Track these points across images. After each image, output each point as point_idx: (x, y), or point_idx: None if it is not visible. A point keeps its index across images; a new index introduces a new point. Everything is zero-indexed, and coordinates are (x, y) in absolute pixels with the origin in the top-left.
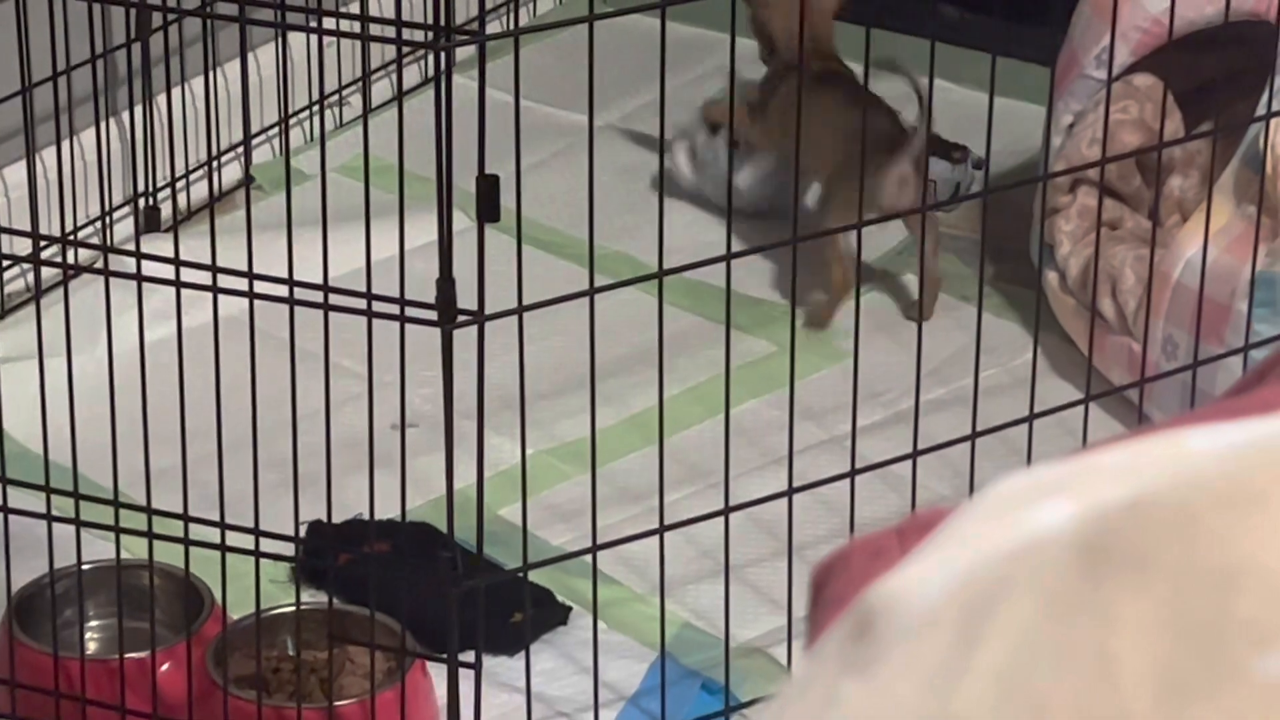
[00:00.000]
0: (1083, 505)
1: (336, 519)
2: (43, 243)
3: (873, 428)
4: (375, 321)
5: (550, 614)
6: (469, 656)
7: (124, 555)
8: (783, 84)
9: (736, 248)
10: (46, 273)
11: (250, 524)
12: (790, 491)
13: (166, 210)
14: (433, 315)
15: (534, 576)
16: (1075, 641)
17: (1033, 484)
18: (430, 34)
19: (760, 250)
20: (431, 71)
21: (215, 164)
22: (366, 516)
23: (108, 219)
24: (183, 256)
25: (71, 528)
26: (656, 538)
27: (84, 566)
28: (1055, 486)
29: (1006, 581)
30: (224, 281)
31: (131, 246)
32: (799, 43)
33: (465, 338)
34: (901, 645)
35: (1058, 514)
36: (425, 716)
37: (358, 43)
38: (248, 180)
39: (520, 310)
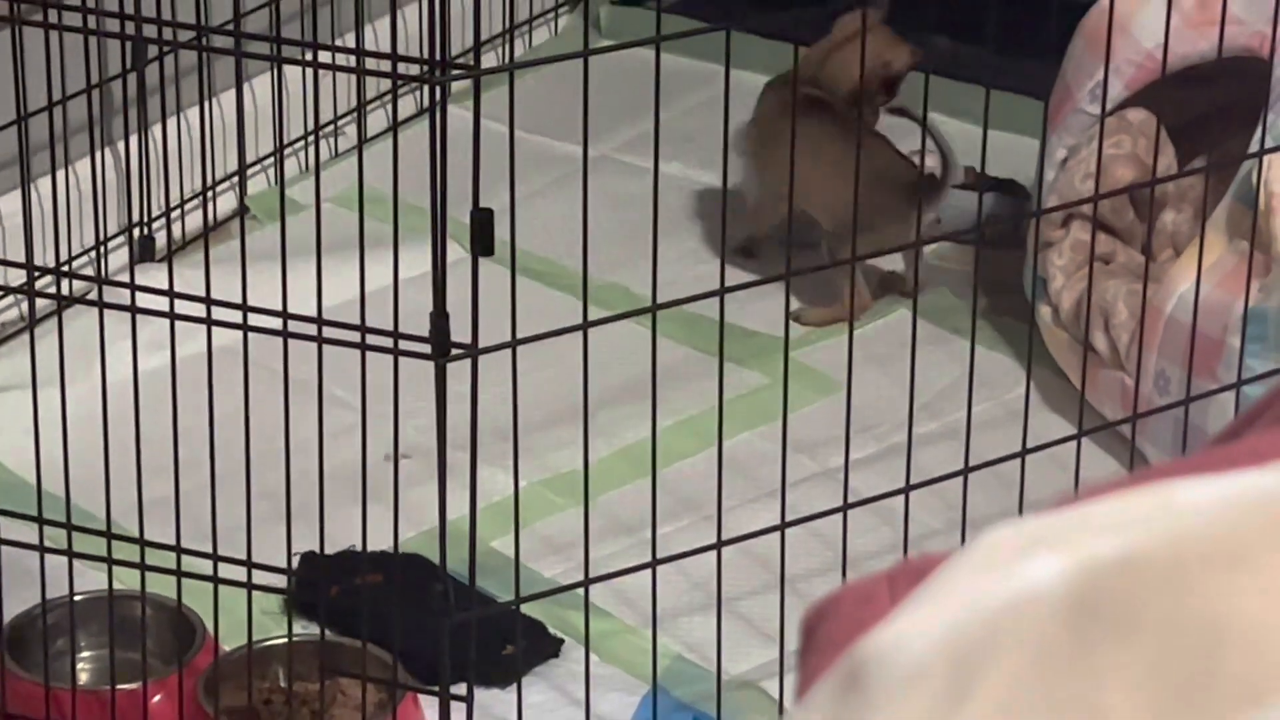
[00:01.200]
0: (1072, 560)
1: (329, 550)
2: (37, 273)
3: (865, 461)
4: (369, 353)
5: (542, 646)
6: (461, 689)
7: (116, 586)
8: (774, 96)
9: (730, 280)
10: (40, 303)
11: (243, 555)
12: (783, 525)
13: (161, 240)
14: (426, 348)
15: (526, 609)
16: (1065, 697)
17: (1023, 536)
18: (425, 67)
19: (754, 285)
20: (427, 102)
21: (210, 194)
22: (359, 548)
23: (102, 249)
24: (177, 287)
25: (64, 558)
26: (649, 570)
27: (76, 597)
28: (1045, 539)
29: (996, 636)
30: (218, 313)
31: (126, 277)
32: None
33: (459, 369)
34: (892, 699)
35: (1048, 568)
36: None
37: (353, 74)
38: (242, 211)
39: (514, 343)
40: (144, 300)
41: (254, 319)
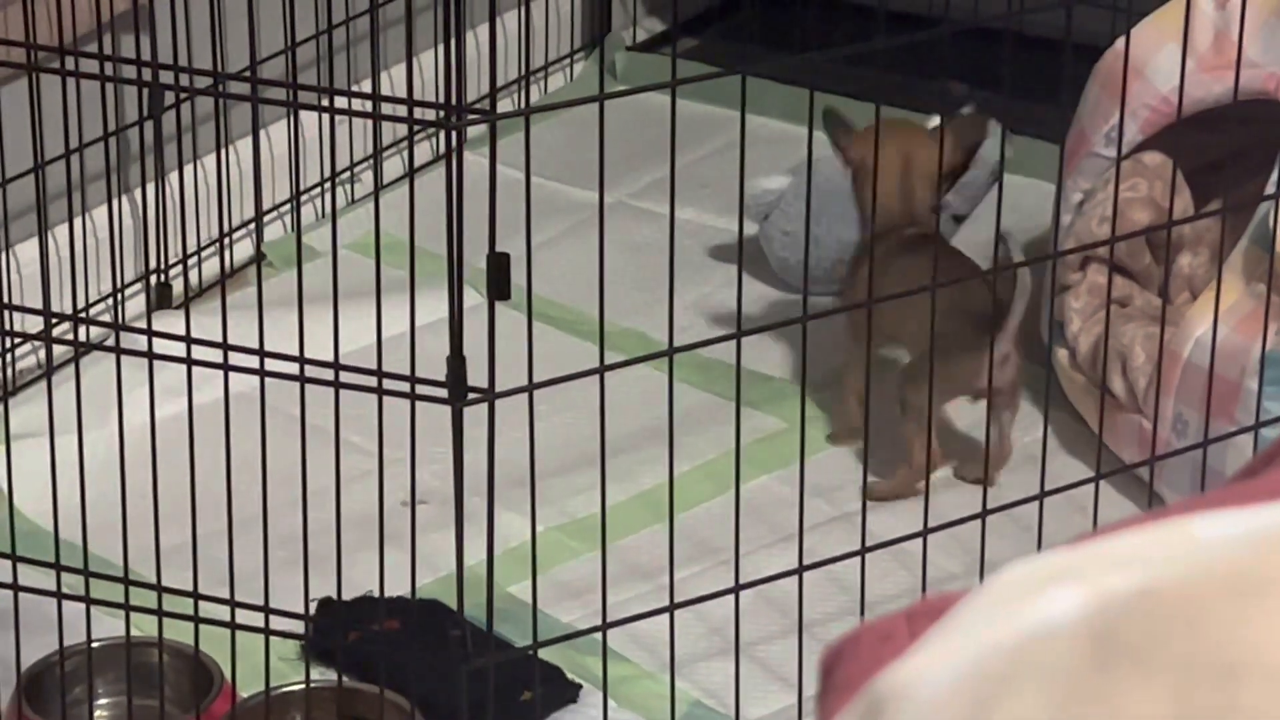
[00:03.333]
0: (1091, 594)
1: (346, 596)
2: (54, 320)
3: (883, 505)
4: (386, 398)
5: (560, 692)
6: None
7: (134, 633)
8: (877, 248)
9: (746, 325)
10: (58, 350)
11: (260, 601)
12: (800, 569)
13: (178, 287)
14: (443, 393)
15: (544, 654)
16: None
17: (1041, 571)
18: (441, 112)
19: (771, 328)
20: (443, 148)
21: (227, 241)
22: (376, 594)
23: (119, 296)
24: (194, 333)
25: (81, 605)
26: (666, 615)
27: (93, 644)
28: (1063, 574)
29: (1015, 671)
30: (235, 359)
31: (143, 323)
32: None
33: (476, 414)
34: None
35: (1066, 603)
36: None
37: (369, 120)
38: (259, 257)
39: (530, 388)
40: (161, 346)
41: (271, 364)
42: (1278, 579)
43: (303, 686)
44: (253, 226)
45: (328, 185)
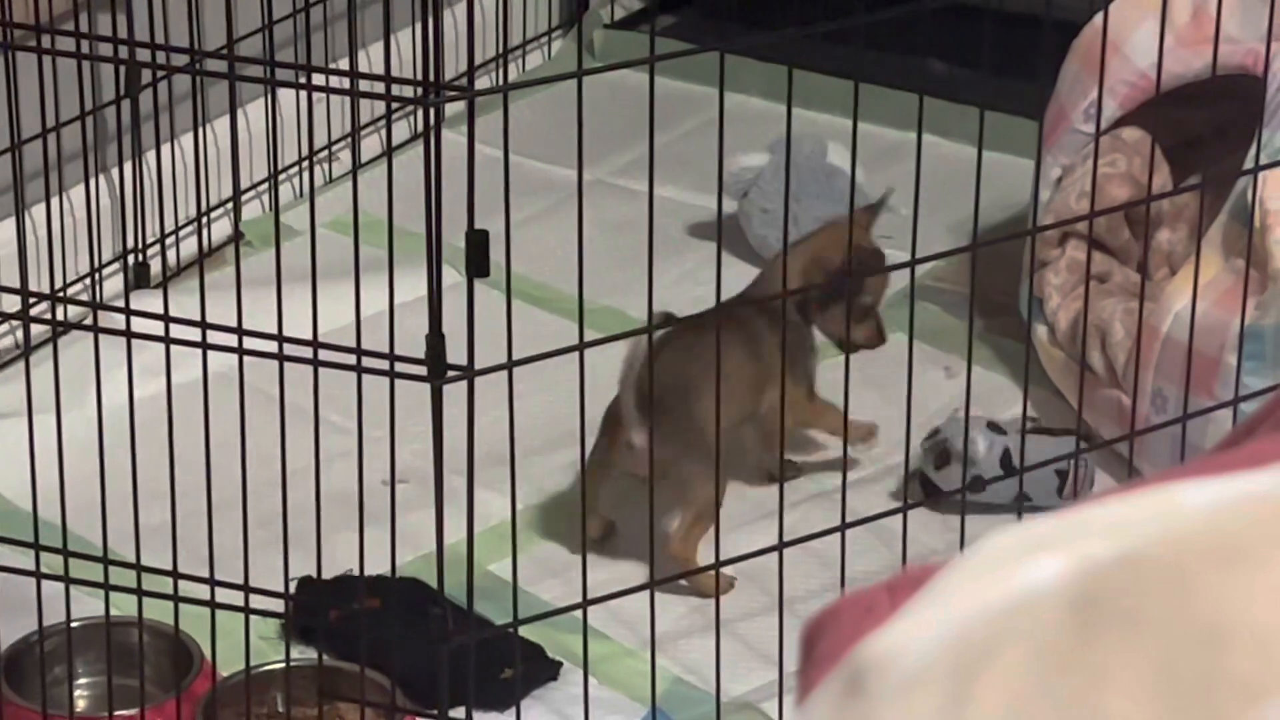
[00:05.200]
0: (1073, 561)
1: (327, 575)
2: (32, 299)
3: (863, 481)
4: (365, 377)
5: (541, 669)
6: (460, 713)
7: (113, 612)
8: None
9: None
10: (36, 330)
11: (240, 580)
12: (781, 545)
13: (156, 266)
14: (422, 371)
15: (524, 632)
16: (1068, 698)
17: (1023, 540)
18: (419, 90)
19: (749, 303)
20: (421, 127)
21: (205, 220)
22: (357, 572)
23: (97, 275)
24: (172, 312)
25: (61, 585)
26: (647, 592)
27: (73, 624)
28: (1046, 542)
29: (998, 638)
30: (213, 338)
31: (121, 303)
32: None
33: (455, 393)
34: (893, 703)
35: (1048, 570)
36: None
37: (347, 98)
38: (237, 236)
39: (510, 365)
40: (139, 326)
41: (250, 343)
42: (1259, 544)
43: (283, 665)
44: (231, 205)
45: (306, 164)
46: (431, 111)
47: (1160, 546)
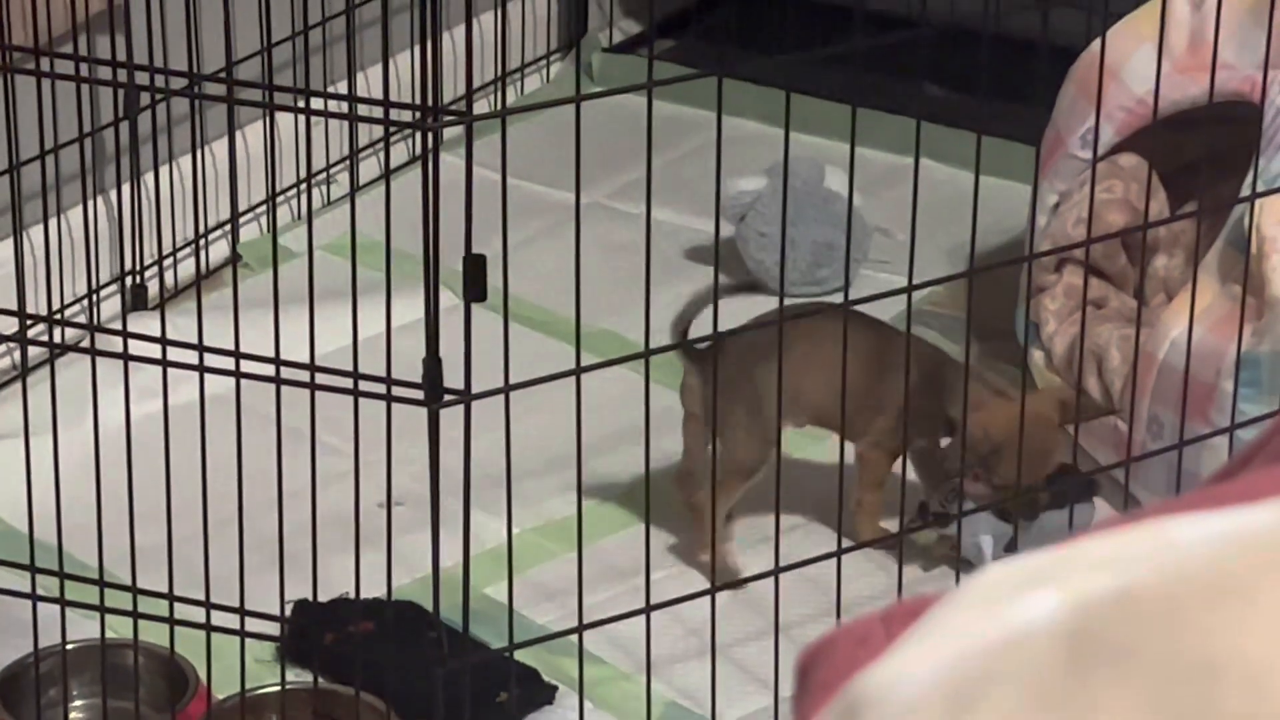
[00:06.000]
0: (1068, 596)
1: (322, 598)
2: (29, 321)
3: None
4: (362, 400)
5: (536, 693)
6: None
7: (109, 634)
8: None
9: (723, 326)
10: (33, 351)
11: (235, 603)
12: (776, 570)
13: (153, 288)
14: (419, 394)
15: (520, 655)
16: None
17: (1018, 574)
18: (417, 114)
19: (745, 330)
20: (419, 150)
21: (202, 242)
22: (352, 595)
23: (95, 297)
24: (169, 334)
25: (56, 607)
26: (643, 617)
27: (68, 646)
28: (1040, 577)
29: (992, 673)
30: (210, 360)
31: (118, 325)
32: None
33: (452, 416)
34: None
35: (1043, 606)
36: None
37: (345, 121)
38: (235, 258)
39: (506, 389)
40: (136, 348)
41: (247, 366)
42: (1254, 580)
43: (278, 688)
44: (228, 227)
45: (303, 186)
46: (429, 135)
47: (1154, 582)
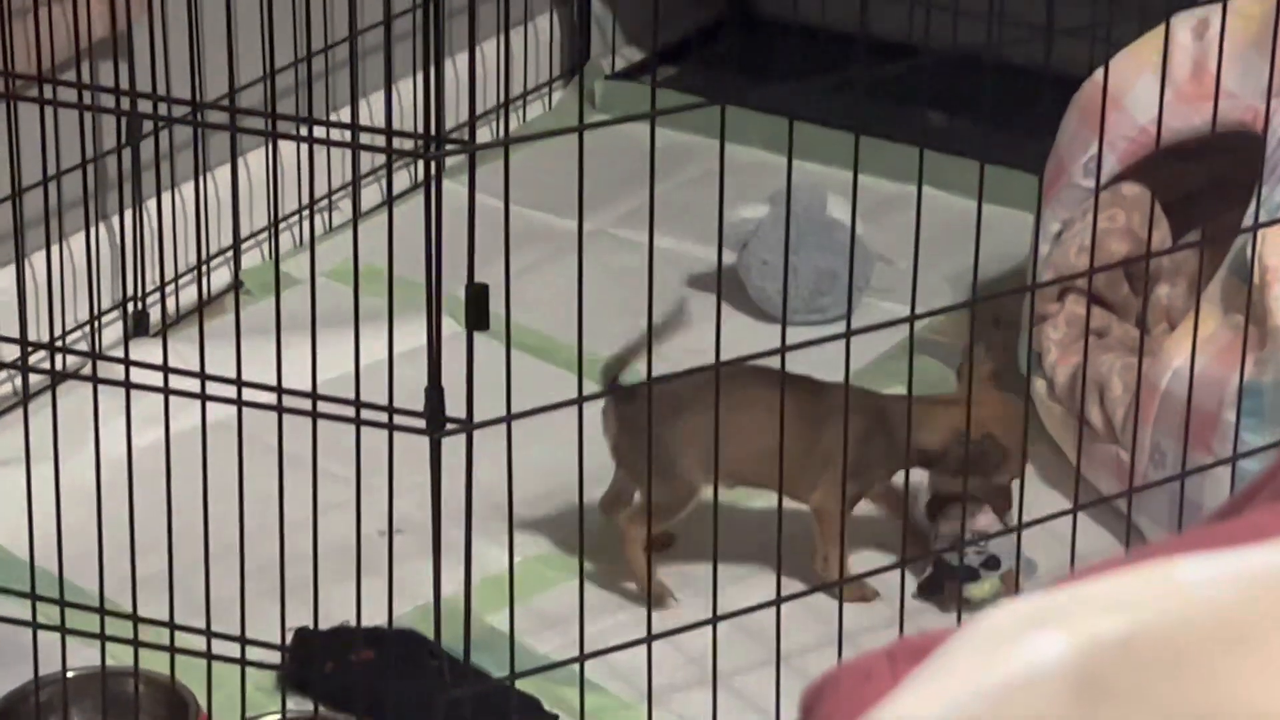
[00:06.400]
0: (1075, 639)
1: (323, 626)
2: (31, 348)
3: (862, 537)
4: (364, 428)
5: None
6: None
7: (109, 662)
8: None
9: (725, 354)
10: (34, 378)
11: (236, 631)
12: (779, 600)
13: (155, 315)
14: (421, 423)
15: (521, 685)
16: None
17: (1024, 614)
18: (420, 142)
19: (748, 359)
20: (421, 177)
21: (204, 269)
22: (353, 623)
23: (97, 324)
24: (171, 361)
25: (57, 635)
26: (644, 646)
27: (69, 674)
28: (1046, 618)
29: (1000, 716)
30: (212, 388)
31: (120, 352)
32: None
33: (454, 444)
34: None
35: (1050, 649)
36: None
37: (348, 149)
38: (237, 285)
39: (509, 419)
40: (138, 375)
41: (248, 394)
42: (1260, 626)
43: (279, 717)
44: (230, 254)
45: (306, 213)
46: (432, 163)
47: (1160, 627)
